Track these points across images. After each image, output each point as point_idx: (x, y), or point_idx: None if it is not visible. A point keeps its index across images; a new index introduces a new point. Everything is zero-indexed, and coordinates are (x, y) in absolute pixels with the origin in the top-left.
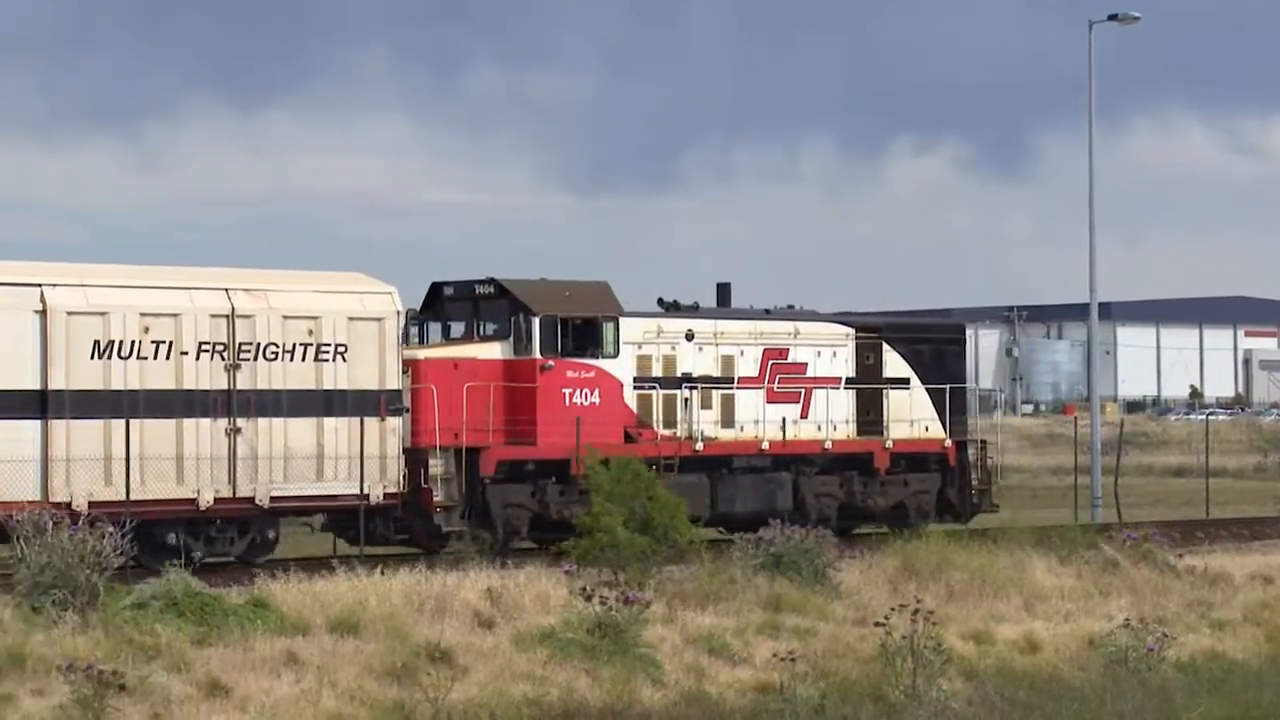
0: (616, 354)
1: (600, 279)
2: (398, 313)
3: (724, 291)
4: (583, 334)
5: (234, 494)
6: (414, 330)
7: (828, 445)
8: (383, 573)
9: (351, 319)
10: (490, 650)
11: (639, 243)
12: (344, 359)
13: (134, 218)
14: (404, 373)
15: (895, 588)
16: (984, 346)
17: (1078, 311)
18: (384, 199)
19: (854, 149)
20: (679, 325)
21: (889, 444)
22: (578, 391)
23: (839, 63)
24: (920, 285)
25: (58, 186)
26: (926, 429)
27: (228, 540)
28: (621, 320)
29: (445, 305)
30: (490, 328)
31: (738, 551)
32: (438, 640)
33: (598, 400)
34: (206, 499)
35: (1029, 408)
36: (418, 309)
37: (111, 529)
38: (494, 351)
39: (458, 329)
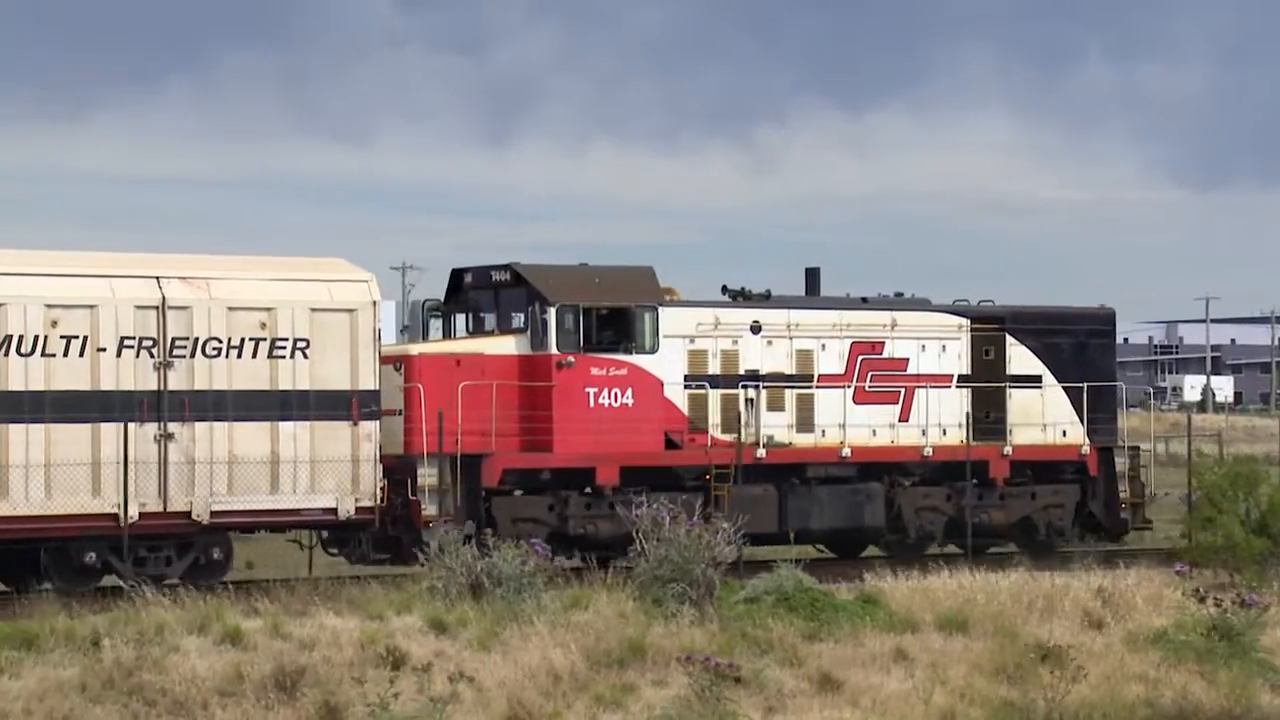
0: (655, 349)
1: (644, 264)
2: (374, 303)
3: (812, 278)
4: (612, 326)
5: (165, 508)
6: (437, 323)
7: (927, 452)
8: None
9: (315, 310)
10: (1101, 650)
11: (1254, 239)
12: (305, 355)
13: (748, 218)
14: (397, 370)
15: None
16: None
17: None
18: (991, 196)
19: None
20: (742, 316)
21: (1007, 450)
22: (605, 391)
23: None
24: None
25: (677, 191)
26: (1064, 433)
27: (161, 560)
28: (665, 311)
29: (468, 295)
30: (519, 319)
31: None
32: (1047, 639)
33: (630, 401)
34: (129, 514)
35: None
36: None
37: (725, 527)
38: (507, 347)
39: (490, 321)
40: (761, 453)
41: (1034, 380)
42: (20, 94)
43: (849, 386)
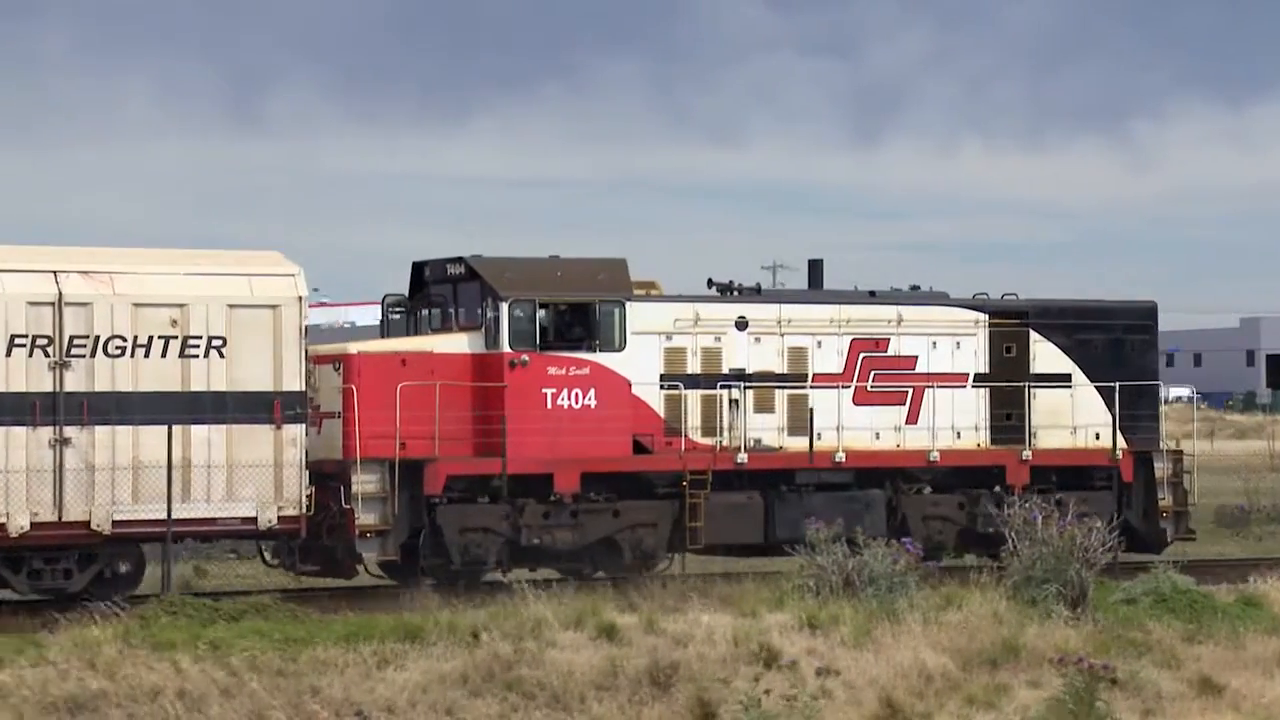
0: (622, 346)
1: (619, 255)
2: (300, 299)
3: (815, 270)
4: (574, 322)
5: (60, 518)
6: (402, 320)
7: (934, 456)
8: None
9: (233, 306)
10: None
11: None
12: (221, 354)
13: (1114, 215)
14: (336, 369)
15: None
16: None
17: None
18: None
19: None
20: (725, 312)
21: (1026, 455)
22: (565, 392)
23: None
24: None
25: (1044, 188)
26: (1097, 436)
27: (59, 573)
28: (636, 306)
29: (430, 290)
30: (477, 315)
31: None
32: None
33: (593, 403)
34: (19, 524)
35: None
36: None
37: (1099, 525)
38: (459, 345)
39: (456, 318)
40: (743, 457)
41: (1062, 379)
42: (404, 98)
43: (848, 387)
